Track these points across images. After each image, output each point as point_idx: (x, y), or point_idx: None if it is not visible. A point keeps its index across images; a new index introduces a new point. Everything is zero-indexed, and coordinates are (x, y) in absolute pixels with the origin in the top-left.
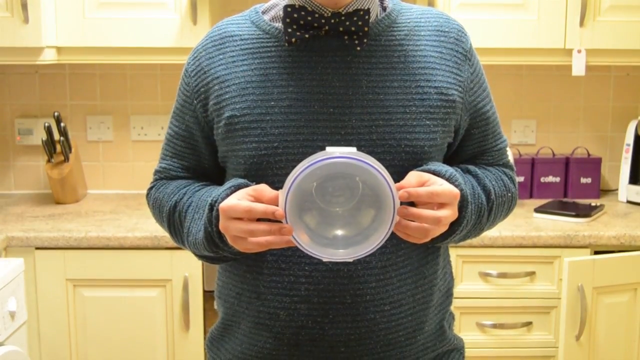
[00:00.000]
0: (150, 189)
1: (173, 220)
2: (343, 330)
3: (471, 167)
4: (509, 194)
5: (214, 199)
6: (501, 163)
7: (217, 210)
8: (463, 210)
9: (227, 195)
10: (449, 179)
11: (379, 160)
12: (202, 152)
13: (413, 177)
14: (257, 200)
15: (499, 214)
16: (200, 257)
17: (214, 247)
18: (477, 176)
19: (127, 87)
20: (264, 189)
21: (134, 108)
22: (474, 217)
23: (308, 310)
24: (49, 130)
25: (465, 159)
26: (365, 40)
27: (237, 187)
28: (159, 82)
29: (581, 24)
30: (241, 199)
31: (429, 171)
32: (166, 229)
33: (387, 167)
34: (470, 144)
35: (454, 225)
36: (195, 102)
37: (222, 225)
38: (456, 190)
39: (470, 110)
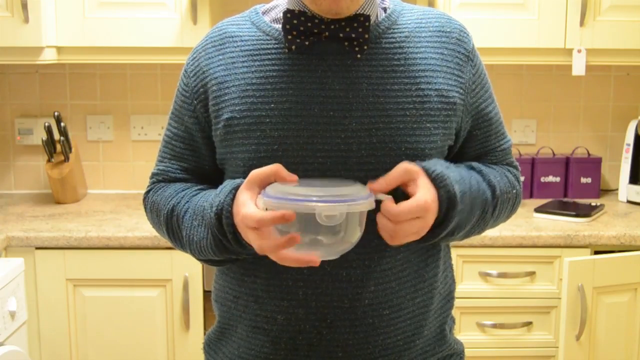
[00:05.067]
0: (148, 192)
1: (171, 224)
2: (341, 335)
3: (475, 164)
4: (514, 191)
5: (219, 208)
6: (505, 163)
7: (228, 218)
8: (450, 212)
9: (232, 201)
10: (434, 179)
11: (379, 163)
12: (202, 153)
13: (398, 173)
14: None
15: (503, 211)
16: (204, 260)
17: (226, 254)
18: (482, 172)
19: (127, 87)
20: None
21: (134, 108)
22: (477, 213)
23: (306, 314)
24: (49, 130)
25: (469, 160)
26: (365, 47)
27: (237, 189)
28: (159, 82)
29: (581, 23)
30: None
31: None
32: (164, 233)
33: (387, 170)
34: (473, 144)
35: (439, 228)
36: (195, 102)
37: (245, 236)
38: (423, 200)
39: (472, 111)
